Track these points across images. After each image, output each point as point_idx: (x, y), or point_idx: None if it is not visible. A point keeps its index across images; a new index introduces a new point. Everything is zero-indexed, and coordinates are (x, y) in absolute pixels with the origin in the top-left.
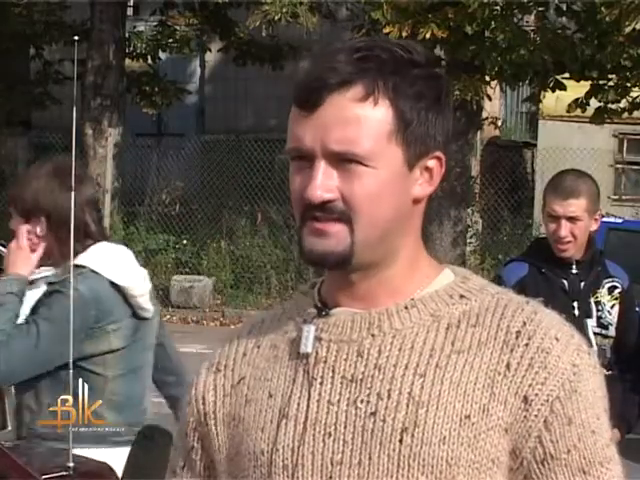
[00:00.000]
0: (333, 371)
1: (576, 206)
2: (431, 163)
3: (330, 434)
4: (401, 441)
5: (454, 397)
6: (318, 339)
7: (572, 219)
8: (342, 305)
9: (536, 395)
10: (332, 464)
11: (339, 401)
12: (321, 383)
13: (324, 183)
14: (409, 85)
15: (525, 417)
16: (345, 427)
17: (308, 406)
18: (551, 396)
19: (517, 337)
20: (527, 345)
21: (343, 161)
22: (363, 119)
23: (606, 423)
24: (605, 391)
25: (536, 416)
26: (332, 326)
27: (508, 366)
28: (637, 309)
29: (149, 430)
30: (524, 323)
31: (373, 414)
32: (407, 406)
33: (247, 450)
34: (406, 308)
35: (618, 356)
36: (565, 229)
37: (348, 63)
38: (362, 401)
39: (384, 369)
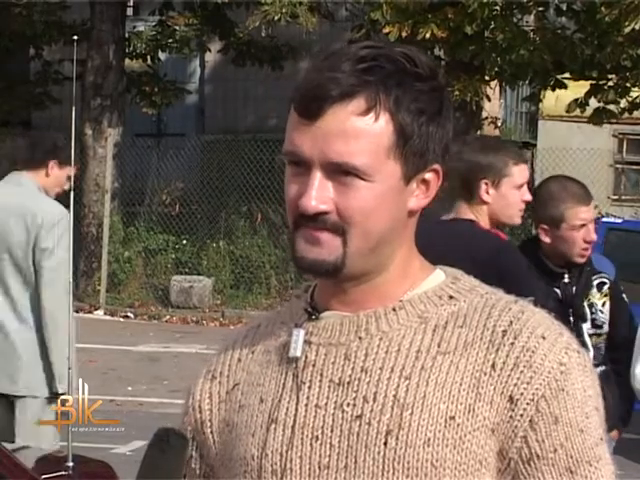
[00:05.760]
0: (321, 375)
1: (592, 207)
2: (428, 176)
3: (317, 438)
4: (386, 444)
5: (439, 398)
6: (308, 343)
7: (592, 220)
8: (333, 309)
9: (521, 394)
10: (320, 468)
11: (326, 405)
12: (309, 387)
13: (319, 194)
14: (411, 99)
15: (511, 417)
16: (332, 431)
17: (297, 410)
18: (537, 395)
19: (503, 336)
20: (513, 344)
21: (340, 173)
22: (363, 133)
23: (596, 422)
24: (598, 390)
25: (522, 416)
26: (321, 330)
27: (494, 366)
28: (626, 299)
29: (164, 432)
30: (510, 322)
31: (359, 417)
32: (392, 409)
33: (238, 456)
34: (394, 310)
35: (611, 351)
36: (595, 232)
37: (351, 74)
38: (348, 404)
39: (370, 372)
